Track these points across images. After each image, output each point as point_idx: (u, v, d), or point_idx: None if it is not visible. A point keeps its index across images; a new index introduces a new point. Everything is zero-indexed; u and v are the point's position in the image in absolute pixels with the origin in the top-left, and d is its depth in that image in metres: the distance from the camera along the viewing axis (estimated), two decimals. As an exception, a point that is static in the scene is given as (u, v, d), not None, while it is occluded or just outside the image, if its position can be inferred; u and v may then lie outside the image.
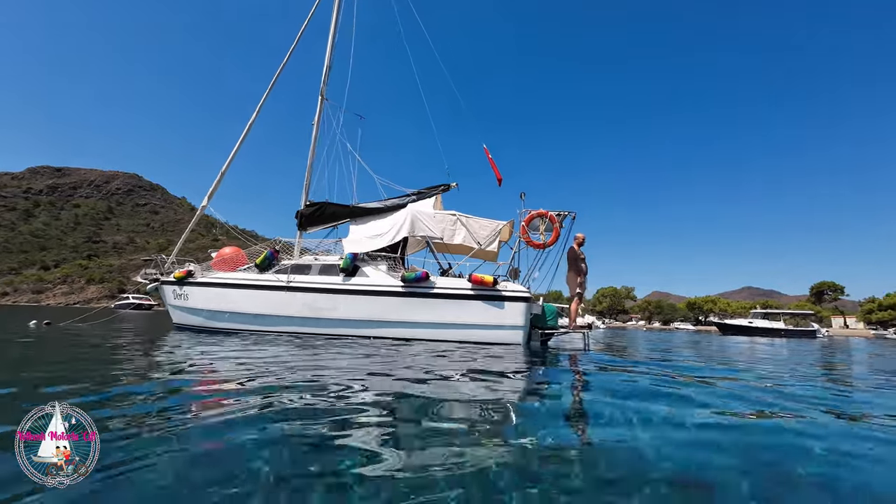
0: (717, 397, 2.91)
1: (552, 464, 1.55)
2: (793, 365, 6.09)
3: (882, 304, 72.63)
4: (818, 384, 3.98)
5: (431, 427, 1.95)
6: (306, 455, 1.57)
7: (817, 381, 4.26)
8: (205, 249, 12.82)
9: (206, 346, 5.39)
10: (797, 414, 2.50)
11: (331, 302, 8.68)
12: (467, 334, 8.14)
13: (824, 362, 7.09)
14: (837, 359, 8.25)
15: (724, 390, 3.22)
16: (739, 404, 2.69)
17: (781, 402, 2.88)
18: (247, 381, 2.98)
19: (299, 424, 1.91)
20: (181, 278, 9.49)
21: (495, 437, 1.82)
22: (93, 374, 3.13)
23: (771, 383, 3.83)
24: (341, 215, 10.15)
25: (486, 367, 4.28)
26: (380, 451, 1.57)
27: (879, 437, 2.04)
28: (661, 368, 4.64)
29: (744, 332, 33.70)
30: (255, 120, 10.89)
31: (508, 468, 1.47)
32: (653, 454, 1.65)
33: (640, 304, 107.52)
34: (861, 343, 22.20)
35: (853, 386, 4.07)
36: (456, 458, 1.52)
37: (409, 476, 1.36)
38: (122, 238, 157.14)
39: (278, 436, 1.74)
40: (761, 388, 3.46)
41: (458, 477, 1.36)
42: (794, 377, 4.48)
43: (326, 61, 10.87)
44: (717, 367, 5.30)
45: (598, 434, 2.00)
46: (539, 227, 7.92)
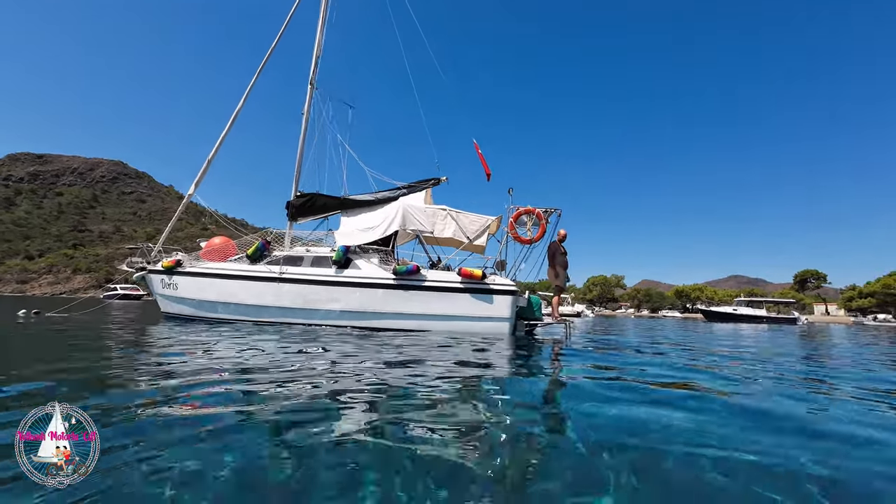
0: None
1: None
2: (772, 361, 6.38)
3: (862, 291, 74.75)
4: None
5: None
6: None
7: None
8: (194, 238, 12.77)
9: (200, 337, 5.46)
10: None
11: (323, 293, 8.78)
12: (456, 326, 8.33)
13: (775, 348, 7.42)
14: (782, 344, 8.61)
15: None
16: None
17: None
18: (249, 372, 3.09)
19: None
20: (170, 267, 9.50)
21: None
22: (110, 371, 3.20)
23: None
24: (332, 207, 10.16)
25: (470, 359, 4.45)
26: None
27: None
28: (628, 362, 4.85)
29: (728, 319, 34.56)
30: (243, 107, 10.76)
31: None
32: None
33: (629, 293, 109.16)
34: (838, 330, 22.90)
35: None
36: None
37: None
38: (109, 227, 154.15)
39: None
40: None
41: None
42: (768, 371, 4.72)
43: (315, 49, 10.70)
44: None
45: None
46: (526, 222, 8.13)
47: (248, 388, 2.58)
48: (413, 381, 3.00)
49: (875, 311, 68.15)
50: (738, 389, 3.09)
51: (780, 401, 2.76)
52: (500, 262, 8.57)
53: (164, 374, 3.00)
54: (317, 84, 10.68)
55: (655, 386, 3.07)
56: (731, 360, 5.18)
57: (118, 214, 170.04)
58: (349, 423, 1.92)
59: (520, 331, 8.51)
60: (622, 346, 6.51)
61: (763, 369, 4.31)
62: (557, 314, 8.21)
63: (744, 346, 7.55)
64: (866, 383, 3.67)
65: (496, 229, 9.23)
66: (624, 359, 4.82)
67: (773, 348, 7.30)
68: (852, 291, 77.72)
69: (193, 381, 2.72)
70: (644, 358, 4.95)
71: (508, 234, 8.43)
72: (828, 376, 4.05)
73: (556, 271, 7.93)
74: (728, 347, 7.20)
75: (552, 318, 8.39)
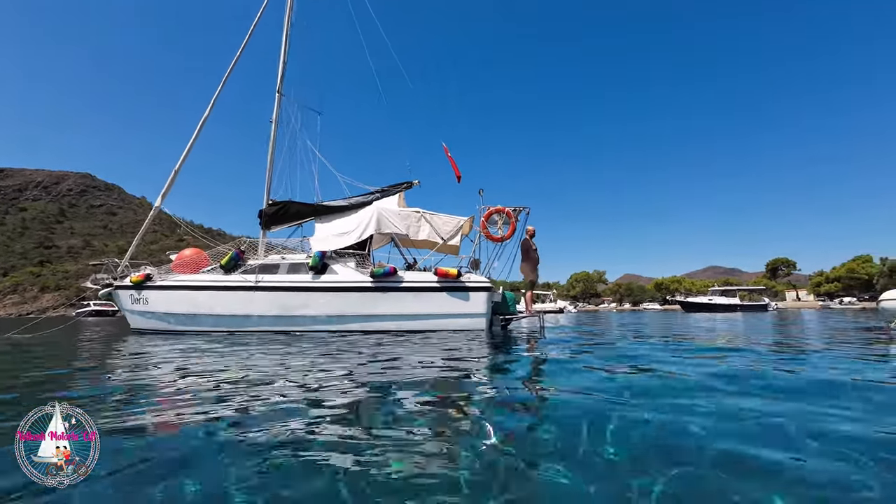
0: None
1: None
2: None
3: (829, 276, 78.29)
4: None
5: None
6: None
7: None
8: (168, 251, 12.46)
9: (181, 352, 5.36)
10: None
11: (302, 299, 8.80)
12: (435, 324, 8.51)
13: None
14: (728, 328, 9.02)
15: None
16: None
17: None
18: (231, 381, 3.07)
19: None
20: (139, 282, 9.29)
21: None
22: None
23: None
24: (306, 214, 10.17)
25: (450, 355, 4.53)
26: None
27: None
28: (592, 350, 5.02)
29: (704, 308, 35.67)
30: (209, 116, 10.61)
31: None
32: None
33: (611, 287, 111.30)
34: (809, 314, 23.97)
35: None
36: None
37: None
38: (78, 242, 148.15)
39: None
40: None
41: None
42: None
43: (282, 57, 10.66)
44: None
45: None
46: (497, 221, 8.44)
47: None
48: (399, 379, 3.05)
49: (841, 295, 71.48)
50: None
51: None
52: (475, 260, 8.82)
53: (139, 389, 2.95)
54: (284, 92, 10.64)
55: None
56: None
57: (87, 228, 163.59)
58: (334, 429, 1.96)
59: (496, 325, 8.76)
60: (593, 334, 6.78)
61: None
62: (531, 308, 8.42)
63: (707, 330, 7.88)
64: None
65: (469, 229, 9.44)
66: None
67: (728, 334, 7.64)
68: (820, 277, 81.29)
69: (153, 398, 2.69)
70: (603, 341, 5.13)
71: (481, 234, 8.67)
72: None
73: (529, 266, 8.15)
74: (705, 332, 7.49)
75: (527, 312, 8.62)
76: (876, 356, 4.28)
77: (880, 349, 4.85)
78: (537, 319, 8.34)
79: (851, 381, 2.83)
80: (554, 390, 2.70)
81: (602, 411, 2.10)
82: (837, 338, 6.32)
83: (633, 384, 2.89)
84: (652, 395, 2.46)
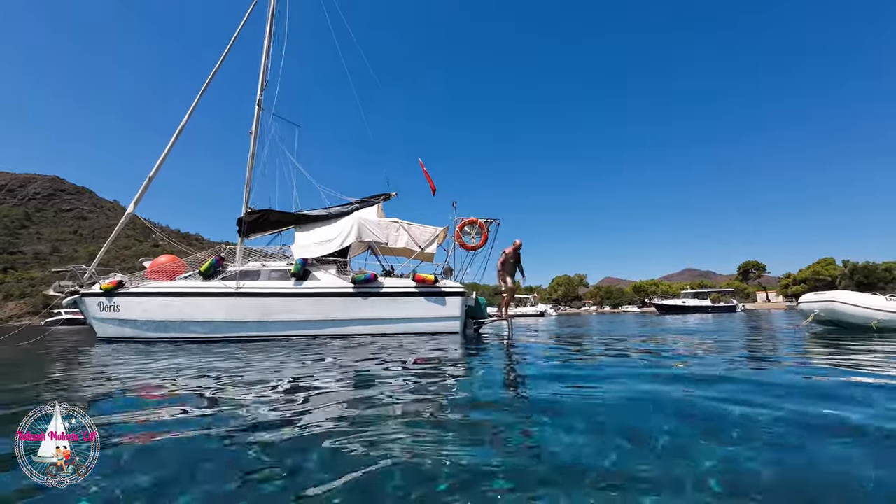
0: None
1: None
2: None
3: (796, 278, 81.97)
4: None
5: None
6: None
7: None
8: (142, 256, 12.30)
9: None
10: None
11: (284, 305, 8.99)
12: (413, 327, 8.89)
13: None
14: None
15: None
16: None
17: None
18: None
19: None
20: (110, 289, 9.17)
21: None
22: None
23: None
24: (286, 222, 10.40)
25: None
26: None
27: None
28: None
29: (678, 311, 36.97)
30: (187, 123, 10.62)
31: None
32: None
33: (592, 291, 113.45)
34: (777, 314, 25.21)
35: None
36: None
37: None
38: (45, 247, 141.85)
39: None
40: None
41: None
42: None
43: (262, 71, 10.83)
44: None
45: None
46: (470, 231, 9.01)
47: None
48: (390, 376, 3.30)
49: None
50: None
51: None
52: (448, 268, 9.32)
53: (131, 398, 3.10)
54: (263, 105, 10.80)
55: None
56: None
57: (56, 234, 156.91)
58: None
59: (469, 328, 9.26)
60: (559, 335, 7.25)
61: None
62: (505, 314, 8.82)
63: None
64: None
65: (444, 239, 9.91)
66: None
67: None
68: (788, 279, 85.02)
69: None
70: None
71: (455, 243, 9.17)
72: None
73: (504, 277, 8.57)
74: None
75: (501, 316, 9.04)
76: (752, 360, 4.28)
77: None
78: (507, 323, 8.78)
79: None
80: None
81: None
82: (761, 337, 7.21)
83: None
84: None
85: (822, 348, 5.27)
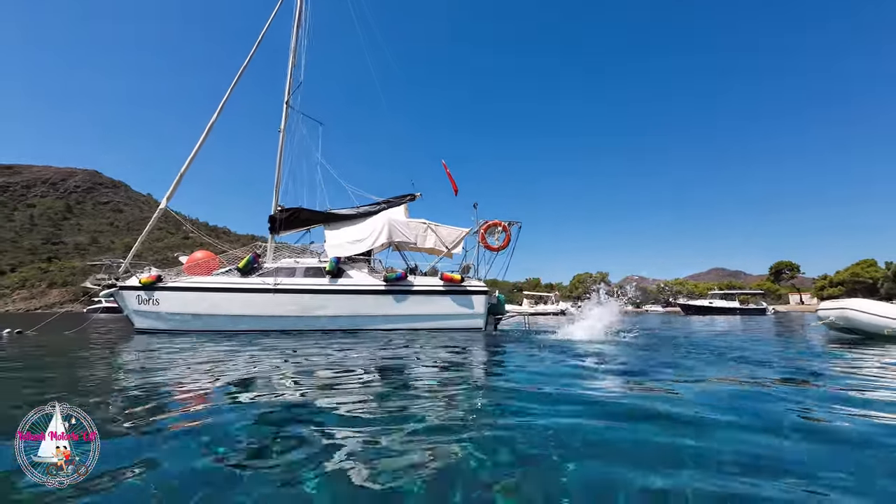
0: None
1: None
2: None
3: (832, 280, 77.93)
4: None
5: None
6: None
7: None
8: (174, 248, 12.86)
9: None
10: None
11: (321, 301, 9.37)
12: (440, 324, 9.16)
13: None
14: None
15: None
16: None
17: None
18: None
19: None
20: (149, 283, 9.62)
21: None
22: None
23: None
24: (316, 220, 10.74)
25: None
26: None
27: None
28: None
29: (704, 312, 35.88)
30: (218, 119, 10.89)
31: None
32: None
33: (614, 289, 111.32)
34: (810, 317, 24.06)
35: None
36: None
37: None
38: (85, 238, 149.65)
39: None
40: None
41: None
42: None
43: (289, 70, 11.09)
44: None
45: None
46: (494, 233, 9.28)
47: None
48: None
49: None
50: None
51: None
52: (466, 266, 9.78)
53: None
54: (292, 104, 11.08)
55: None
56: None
57: (94, 225, 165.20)
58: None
59: (490, 324, 9.54)
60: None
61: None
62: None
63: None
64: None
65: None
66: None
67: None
68: (824, 281, 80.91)
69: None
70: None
71: (479, 243, 9.50)
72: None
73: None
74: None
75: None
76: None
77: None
78: (523, 319, 9.15)
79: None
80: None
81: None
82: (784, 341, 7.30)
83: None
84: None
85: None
